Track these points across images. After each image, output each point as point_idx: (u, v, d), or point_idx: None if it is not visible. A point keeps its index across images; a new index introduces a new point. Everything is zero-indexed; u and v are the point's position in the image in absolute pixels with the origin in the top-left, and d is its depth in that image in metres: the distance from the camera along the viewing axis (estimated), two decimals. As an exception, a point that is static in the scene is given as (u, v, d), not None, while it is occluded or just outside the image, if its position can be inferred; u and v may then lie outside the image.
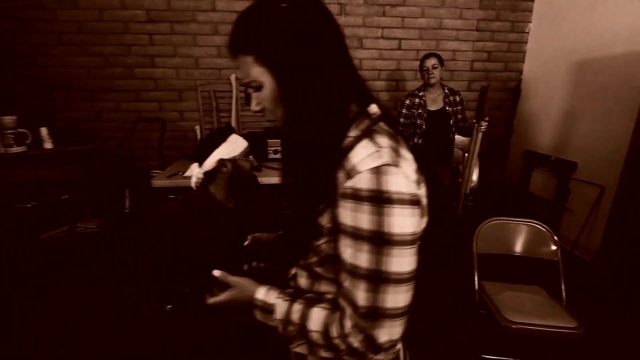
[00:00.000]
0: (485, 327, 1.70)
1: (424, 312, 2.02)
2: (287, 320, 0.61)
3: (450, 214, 2.62)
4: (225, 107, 3.07)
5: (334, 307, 0.59)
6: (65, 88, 2.87)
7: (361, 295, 0.53)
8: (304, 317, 0.60)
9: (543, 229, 1.70)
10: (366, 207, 0.49)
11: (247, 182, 1.32)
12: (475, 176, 2.82)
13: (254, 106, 0.61)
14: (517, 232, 1.73)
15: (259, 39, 0.54)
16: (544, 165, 2.98)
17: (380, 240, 0.50)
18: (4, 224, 2.50)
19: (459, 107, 2.48)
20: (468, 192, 2.60)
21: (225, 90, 3.03)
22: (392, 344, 0.55)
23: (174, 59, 2.91)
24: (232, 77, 2.98)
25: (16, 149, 2.50)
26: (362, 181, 0.50)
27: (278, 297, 0.63)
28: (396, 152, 0.52)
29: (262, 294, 0.65)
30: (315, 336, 0.59)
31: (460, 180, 2.63)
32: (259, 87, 0.58)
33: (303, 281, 0.67)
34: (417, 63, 3.12)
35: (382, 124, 0.58)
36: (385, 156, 0.50)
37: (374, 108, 0.60)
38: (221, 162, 1.25)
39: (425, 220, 0.61)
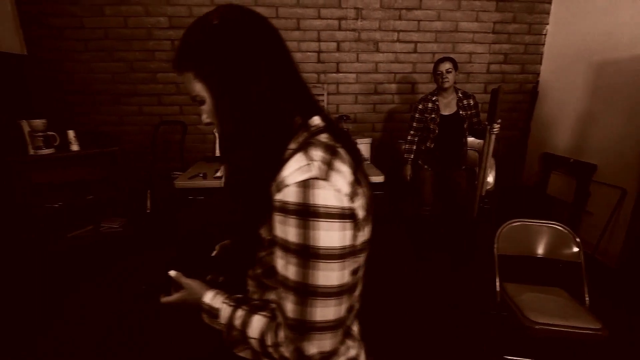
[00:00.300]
0: (506, 328, 1.71)
1: (444, 313, 2.02)
2: (230, 325, 0.62)
3: (466, 216, 2.62)
4: (243, 111, 3.14)
5: (274, 316, 0.59)
6: (91, 92, 2.98)
7: (289, 307, 0.53)
8: (245, 323, 0.60)
9: (565, 231, 1.70)
10: (292, 221, 0.49)
11: None
12: (491, 178, 2.82)
13: (204, 119, 0.62)
14: (538, 233, 1.73)
15: (195, 57, 0.56)
16: (563, 167, 2.96)
17: (306, 254, 0.50)
18: (34, 223, 2.60)
19: (474, 111, 2.47)
20: (484, 195, 2.60)
21: (243, 93, 3.10)
22: (324, 356, 0.54)
23: (195, 64, 2.99)
24: (251, 81, 3.05)
25: (45, 151, 2.60)
26: (289, 195, 0.49)
27: (224, 302, 0.64)
28: (328, 165, 0.52)
29: (209, 297, 0.66)
30: (254, 343, 0.59)
31: (475, 182, 2.63)
32: (202, 102, 0.59)
33: (253, 290, 0.68)
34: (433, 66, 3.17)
35: (322, 136, 0.57)
36: (314, 170, 0.50)
37: (316, 120, 0.61)
38: None
39: (366, 231, 0.60)
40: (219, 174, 1.40)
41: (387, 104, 3.25)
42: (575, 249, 1.67)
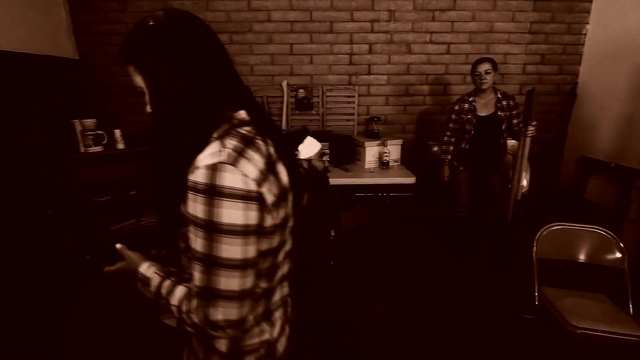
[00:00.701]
0: (546, 332, 1.69)
1: (478, 316, 2.01)
2: (158, 293, 0.68)
3: (500, 220, 2.59)
4: (276, 112, 3.23)
5: (190, 289, 0.64)
6: (135, 94, 3.15)
7: (197, 276, 0.59)
8: (170, 292, 0.66)
9: (608, 236, 1.66)
10: (200, 199, 0.56)
11: (320, 181, 1.42)
12: (525, 182, 2.76)
13: (147, 109, 0.67)
14: (580, 238, 1.70)
15: (133, 52, 0.63)
16: (602, 172, 2.86)
17: (211, 229, 0.56)
18: (83, 216, 2.79)
19: (514, 112, 2.42)
20: (519, 199, 2.56)
21: (276, 95, 3.19)
22: (230, 324, 0.60)
23: (231, 67, 3.12)
24: (284, 83, 3.13)
25: (94, 149, 2.79)
26: (199, 176, 0.56)
27: (155, 273, 0.70)
28: (239, 152, 0.58)
29: (144, 268, 0.72)
30: (174, 310, 0.65)
31: (509, 186, 2.59)
32: (142, 93, 0.65)
33: (186, 265, 0.73)
34: (467, 67, 3.13)
35: (244, 128, 0.64)
36: (224, 155, 0.56)
37: (241, 114, 0.67)
38: (299, 163, 1.36)
39: (280, 214, 0.65)
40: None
41: (419, 106, 3.25)
42: (619, 255, 1.63)
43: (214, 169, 0.55)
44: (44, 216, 2.56)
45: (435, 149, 3.20)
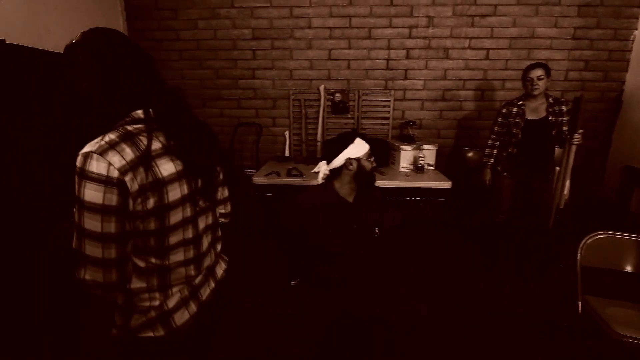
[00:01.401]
0: (587, 341, 1.67)
1: (517, 323, 2.00)
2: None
3: (540, 227, 2.54)
4: (313, 115, 3.34)
5: None
6: (182, 96, 3.36)
7: (73, 241, 0.72)
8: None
9: (658, 247, 1.62)
10: (76, 178, 0.70)
11: (368, 180, 1.49)
12: (566, 190, 2.70)
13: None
14: (627, 247, 1.67)
15: (63, 59, 0.78)
16: (650, 182, 2.75)
17: (80, 204, 0.69)
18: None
19: (565, 118, 2.35)
20: (562, 207, 2.51)
21: (313, 99, 3.30)
22: (97, 284, 0.72)
23: (272, 71, 3.26)
24: (321, 88, 3.24)
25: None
26: (77, 160, 0.69)
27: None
28: (111, 145, 0.69)
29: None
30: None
31: (552, 193, 2.55)
32: None
33: None
34: (506, 73, 3.13)
35: (133, 126, 0.75)
36: (96, 146, 0.69)
37: (138, 113, 0.78)
38: (348, 161, 1.44)
39: (150, 202, 0.74)
40: (316, 169, 1.56)
41: (455, 111, 3.26)
42: (669, 267, 1.59)
43: (86, 156, 0.69)
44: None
45: (471, 154, 3.20)
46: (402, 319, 1.40)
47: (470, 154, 3.20)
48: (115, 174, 0.68)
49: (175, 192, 0.78)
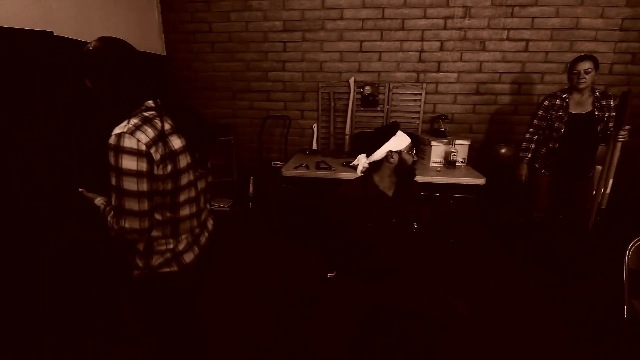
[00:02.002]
0: (634, 345, 1.60)
1: (565, 328, 1.94)
2: (103, 215, 1.05)
3: (579, 227, 2.44)
4: (341, 108, 3.31)
5: None
6: (213, 89, 3.42)
7: (113, 199, 0.96)
8: (107, 213, 1.03)
9: None
10: (111, 154, 0.92)
11: (408, 174, 1.47)
12: (609, 189, 2.57)
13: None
14: (681, 251, 1.58)
15: (79, 65, 1.01)
16: (702, 183, 2.58)
17: (117, 172, 0.92)
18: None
19: (612, 114, 2.22)
20: (604, 207, 2.40)
21: (343, 92, 3.27)
22: (134, 230, 0.97)
23: (302, 64, 3.25)
24: (351, 80, 3.20)
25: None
26: (111, 139, 0.92)
27: (102, 203, 1.10)
28: (136, 127, 0.93)
29: (97, 201, 1.12)
30: (109, 222, 1.01)
31: (594, 192, 2.44)
32: (89, 88, 1.04)
33: None
34: (546, 66, 3.00)
35: (149, 112, 0.98)
36: (125, 128, 0.92)
37: (149, 103, 1.01)
38: (389, 154, 1.42)
39: (168, 167, 0.98)
40: (355, 162, 1.55)
41: (489, 105, 3.15)
42: None
43: (119, 136, 0.91)
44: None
45: (504, 150, 3.09)
46: (441, 316, 1.38)
47: (503, 150, 3.10)
48: (143, 147, 0.92)
49: (183, 161, 1.03)
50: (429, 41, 3.05)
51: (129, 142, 0.91)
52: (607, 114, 2.22)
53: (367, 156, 1.48)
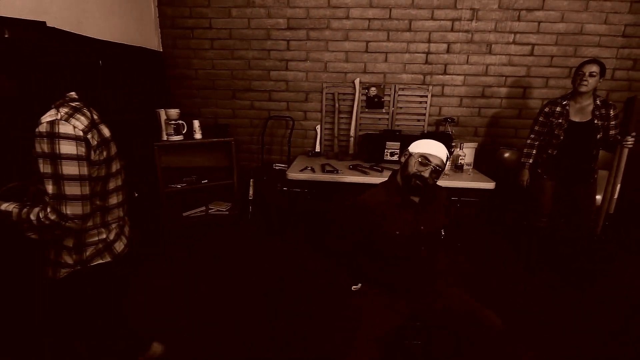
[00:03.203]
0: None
1: (572, 333, 1.92)
2: (19, 217, 1.02)
3: (587, 233, 2.44)
4: (345, 109, 3.24)
5: (44, 204, 1.01)
6: (212, 87, 3.28)
7: (50, 188, 0.97)
8: (29, 212, 1.01)
9: None
10: (45, 141, 0.94)
11: (407, 179, 1.39)
12: (616, 195, 2.59)
13: None
14: None
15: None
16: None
17: (55, 158, 0.95)
18: (163, 201, 2.93)
19: (613, 122, 2.24)
20: (611, 212, 2.41)
21: (347, 92, 3.20)
22: (77, 216, 1.00)
23: (306, 63, 3.16)
24: (357, 81, 3.13)
25: (175, 138, 2.92)
26: (42, 127, 0.94)
27: (14, 207, 1.04)
28: (69, 115, 0.98)
29: (4, 206, 1.04)
30: (35, 222, 1.00)
31: (601, 197, 2.45)
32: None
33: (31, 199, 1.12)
34: (550, 70, 3.01)
35: (74, 103, 1.03)
36: (58, 116, 0.96)
37: (72, 94, 1.07)
38: (406, 152, 1.35)
39: (103, 154, 1.06)
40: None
41: (494, 108, 3.14)
42: None
43: (52, 123, 0.95)
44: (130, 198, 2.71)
45: (507, 154, 3.09)
46: (471, 330, 1.31)
47: (507, 154, 3.09)
48: (80, 133, 0.98)
49: (113, 148, 1.12)
50: (436, 43, 3.01)
51: (64, 129, 0.95)
52: (607, 123, 2.22)
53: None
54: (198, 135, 3.01)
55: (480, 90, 3.10)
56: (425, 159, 1.35)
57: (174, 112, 2.87)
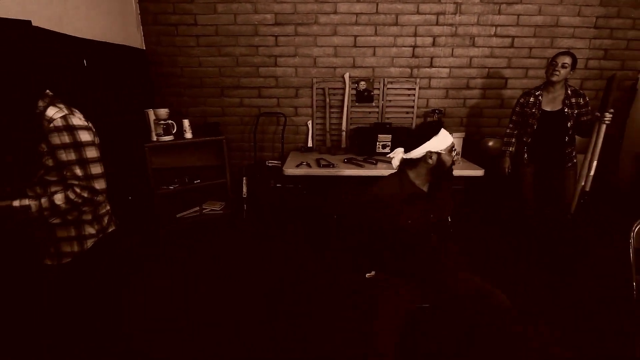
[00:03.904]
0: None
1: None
2: (40, 208, 1.11)
3: (562, 215, 2.56)
4: (336, 104, 3.27)
5: (65, 188, 1.14)
6: (200, 85, 3.22)
7: (78, 171, 1.12)
8: (52, 201, 1.12)
9: None
10: (64, 133, 1.08)
11: (445, 174, 1.46)
12: (592, 172, 2.72)
13: None
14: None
15: None
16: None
17: (78, 145, 1.11)
18: (155, 202, 2.87)
19: (583, 110, 2.37)
20: (588, 190, 2.56)
21: (338, 87, 3.23)
22: (104, 190, 1.20)
23: (295, 59, 3.15)
24: (346, 75, 3.16)
25: (165, 138, 2.85)
26: (57, 122, 1.07)
27: (30, 200, 1.11)
28: (70, 110, 1.12)
29: (17, 202, 1.11)
30: (63, 207, 1.13)
31: (577, 176, 2.59)
32: None
33: (39, 193, 1.17)
34: (530, 61, 3.15)
35: (58, 99, 1.15)
36: (64, 111, 1.09)
37: (49, 93, 1.15)
38: (429, 154, 1.40)
39: (98, 139, 1.22)
40: (392, 154, 1.51)
41: (477, 99, 3.27)
42: None
43: (64, 117, 1.08)
44: (124, 203, 2.64)
45: (491, 143, 3.23)
46: (480, 310, 1.39)
47: (491, 143, 3.23)
48: (87, 123, 1.16)
49: (97, 138, 1.23)
50: (422, 37, 3.08)
51: (77, 121, 1.10)
52: (577, 111, 2.36)
53: (405, 152, 1.45)
54: (188, 135, 2.96)
55: (465, 81, 3.21)
56: (454, 149, 1.45)
57: (163, 111, 2.80)
